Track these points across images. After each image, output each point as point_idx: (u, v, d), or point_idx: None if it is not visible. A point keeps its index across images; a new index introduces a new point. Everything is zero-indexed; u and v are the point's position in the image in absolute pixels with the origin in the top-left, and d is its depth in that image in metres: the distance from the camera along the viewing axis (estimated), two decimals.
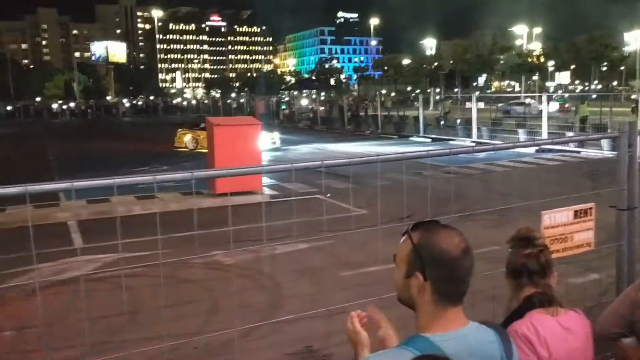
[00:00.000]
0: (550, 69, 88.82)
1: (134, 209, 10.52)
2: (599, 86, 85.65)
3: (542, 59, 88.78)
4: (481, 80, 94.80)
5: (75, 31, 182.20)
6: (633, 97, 29.89)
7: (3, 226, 9.18)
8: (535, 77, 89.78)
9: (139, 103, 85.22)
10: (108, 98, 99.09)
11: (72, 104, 78.86)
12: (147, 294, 6.05)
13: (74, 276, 7.06)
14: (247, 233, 8.20)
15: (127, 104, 79.15)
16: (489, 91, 79.63)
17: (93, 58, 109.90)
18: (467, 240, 1.40)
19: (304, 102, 50.68)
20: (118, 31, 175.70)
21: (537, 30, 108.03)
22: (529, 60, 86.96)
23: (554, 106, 26.55)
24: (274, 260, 7.75)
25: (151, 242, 7.50)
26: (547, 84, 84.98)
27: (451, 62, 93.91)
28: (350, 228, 8.41)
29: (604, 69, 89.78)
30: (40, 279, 6.87)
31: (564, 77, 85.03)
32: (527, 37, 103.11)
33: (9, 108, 72.45)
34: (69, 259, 7.73)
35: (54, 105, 74.64)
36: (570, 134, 21.71)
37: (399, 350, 1.34)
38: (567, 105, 34.56)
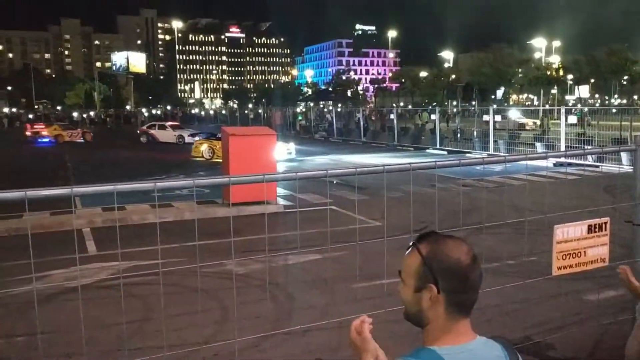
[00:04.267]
0: (570, 82, 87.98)
1: (148, 217, 10.57)
2: (619, 100, 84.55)
3: (561, 72, 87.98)
4: (499, 93, 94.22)
5: (97, 41, 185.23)
6: None
7: (18, 232, 9.28)
8: (554, 91, 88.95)
9: (158, 112, 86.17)
10: (127, 107, 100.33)
11: (92, 113, 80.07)
12: (158, 302, 6.04)
13: (85, 284, 7.09)
14: (259, 243, 8.20)
15: (146, 113, 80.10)
16: (506, 104, 79.05)
17: (114, 68, 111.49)
18: (474, 249, 1.37)
19: (321, 113, 50.77)
20: (139, 42, 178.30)
21: (557, 43, 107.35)
22: (548, 73, 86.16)
23: (573, 119, 26.20)
24: (286, 270, 7.71)
25: (164, 250, 7.54)
26: (567, 97, 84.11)
27: (468, 75, 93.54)
28: (364, 240, 8.35)
29: (625, 82, 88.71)
30: (48, 285, 6.91)
31: (583, 90, 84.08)
32: (545, 50, 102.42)
33: (30, 116, 73.77)
34: (82, 266, 7.76)
35: (74, 114, 75.85)
36: (588, 147, 21.41)
37: None
38: (586, 118, 34.10)
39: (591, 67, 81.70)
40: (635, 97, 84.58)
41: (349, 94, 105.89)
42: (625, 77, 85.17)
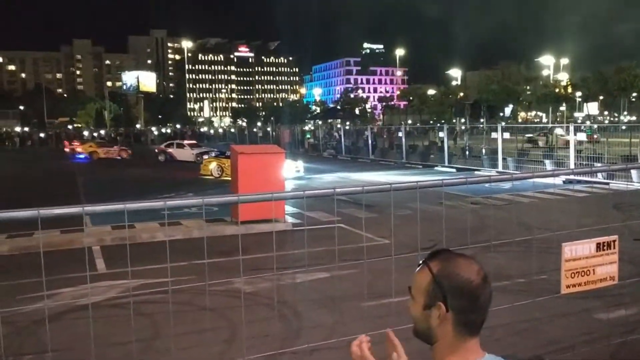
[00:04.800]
0: (578, 99, 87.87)
1: (157, 235, 10.61)
2: (629, 117, 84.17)
3: (569, 90, 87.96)
4: (507, 110, 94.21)
5: (107, 61, 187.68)
6: None
7: (29, 250, 9.35)
8: (562, 108, 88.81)
9: (168, 131, 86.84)
10: (137, 126, 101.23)
11: (102, 131, 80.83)
12: (167, 320, 6.05)
13: (94, 302, 7.11)
14: (267, 261, 8.20)
15: (156, 132, 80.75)
16: (510, 121, 78.98)
17: (124, 87, 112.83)
18: (484, 268, 1.38)
19: (329, 131, 50.96)
20: (149, 61, 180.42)
21: (565, 60, 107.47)
22: (556, 90, 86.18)
23: (582, 137, 26.12)
24: (295, 288, 7.70)
25: (173, 269, 7.56)
26: (576, 114, 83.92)
27: (476, 92, 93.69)
28: (372, 258, 8.33)
29: (634, 99, 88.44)
30: (58, 304, 6.93)
31: (592, 107, 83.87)
32: (554, 67, 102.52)
33: (42, 135, 74.58)
34: (91, 284, 7.79)
35: (85, 132, 76.64)
36: (598, 164, 21.30)
37: None
38: (595, 136, 33.92)
39: (599, 84, 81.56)
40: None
41: (357, 112, 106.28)
42: (634, 94, 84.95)
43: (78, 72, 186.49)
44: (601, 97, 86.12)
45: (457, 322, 1.34)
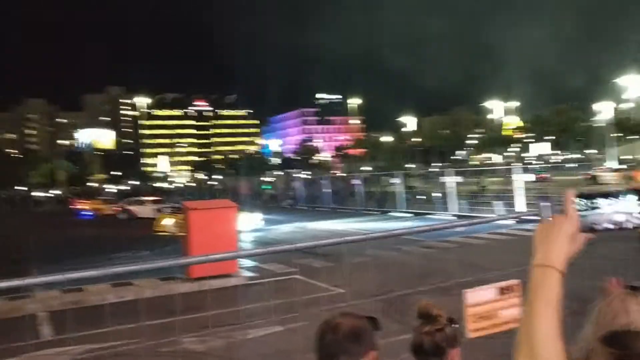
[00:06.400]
0: (526, 140, 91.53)
1: (107, 297, 10.38)
2: (578, 155, 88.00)
3: (512, 133, 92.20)
4: (462, 153, 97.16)
5: (63, 120, 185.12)
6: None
7: None
8: (514, 149, 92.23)
9: (127, 188, 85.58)
10: (94, 184, 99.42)
11: (57, 191, 78.99)
12: None
13: None
14: (220, 318, 8.12)
15: (114, 189, 79.44)
16: (463, 164, 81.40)
17: (78, 145, 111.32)
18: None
19: (287, 181, 51.33)
20: (106, 118, 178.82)
21: (514, 104, 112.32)
22: (503, 133, 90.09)
23: (531, 177, 27.20)
24: (246, 345, 7.64)
25: (122, 331, 7.40)
26: (522, 154, 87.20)
27: (429, 138, 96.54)
28: (328, 308, 8.37)
29: (580, 138, 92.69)
30: None
31: (542, 147, 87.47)
32: (504, 111, 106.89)
33: None
34: (36, 352, 7.54)
35: (39, 194, 74.73)
36: (547, 203, 22.05)
37: None
38: (546, 175, 35.24)
39: (541, 126, 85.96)
40: (589, 151, 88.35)
41: (314, 161, 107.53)
42: (575, 134, 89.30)
43: (32, 132, 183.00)
44: (553, 137, 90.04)
45: None
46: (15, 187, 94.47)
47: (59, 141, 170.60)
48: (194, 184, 77.80)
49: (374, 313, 1.89)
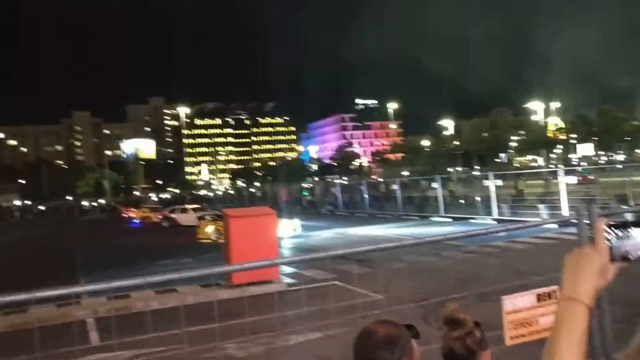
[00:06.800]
0: (573, 141, 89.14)
1: (151, 304, 10.63)
2: (624, 156, 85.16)
3: (557, 134, 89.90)
4: (503, 156, 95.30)
5: (107, 131, 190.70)
6: None
7: (23, 327, 9.35)
8: (558, 150, 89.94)
9: (168, 197, 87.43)
10: (137, 193, 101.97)
11: (102, 201, 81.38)
12: None
13: None
14: (261, 324, 8.21)
15: (156, 198, 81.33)
16: (505, 166, 79.79)
17: (124, 156, 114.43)
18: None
19: (326, 187, 51.41)
20: (148, 128, 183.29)
21: (556, 104, 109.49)
22: (547, 135, 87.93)
23: (573, 179, 26.40)
24: (286, 351, 7.69)
25: (166, 337, 7.58)
26: (569, 155, 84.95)
27: (469, 141, 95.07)
28: (366, 314, 8.35)
29: (627, 139, 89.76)
30: None
31: (587, 148, 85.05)
32: (545, 112, 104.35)
33: (42, 207, 75.02)
34: (84, 357, 7.78)
35: (85, 203, 77.15)
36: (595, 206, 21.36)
37: None
38: (590, 177, 34.15)
39: (585, 127, 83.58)
40: (638, 150, 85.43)
41: (352, 167, 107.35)
42: (620, 134, 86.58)
43: (78, 144, 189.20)
44: (596, 138, 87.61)
45: None
46: (66, 197, 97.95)
47: (105, 152, 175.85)
48: (233, 192, 78.71)
49: (413, 320, 1.90)
